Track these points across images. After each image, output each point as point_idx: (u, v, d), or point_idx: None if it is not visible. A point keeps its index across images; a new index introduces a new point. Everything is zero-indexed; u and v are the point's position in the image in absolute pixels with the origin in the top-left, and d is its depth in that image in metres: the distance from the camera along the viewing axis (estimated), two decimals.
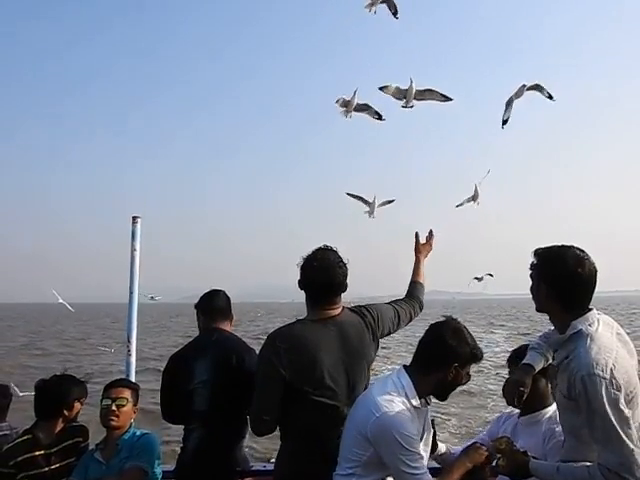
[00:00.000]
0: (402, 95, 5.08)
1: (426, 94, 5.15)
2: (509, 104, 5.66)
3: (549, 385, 2.35)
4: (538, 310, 2.04)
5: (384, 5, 5.17)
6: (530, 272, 2.03)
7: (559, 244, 1.99)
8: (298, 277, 2.40)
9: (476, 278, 8.54)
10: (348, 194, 6.09)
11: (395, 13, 5.31)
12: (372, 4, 5.33)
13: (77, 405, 2.80)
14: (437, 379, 2.14)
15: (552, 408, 2.33)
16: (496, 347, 21.63)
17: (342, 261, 2.38)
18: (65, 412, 2.74)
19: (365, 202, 6.03)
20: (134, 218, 3.51)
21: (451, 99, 5.15)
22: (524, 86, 5.51)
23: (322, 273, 2.32)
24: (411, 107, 5.09)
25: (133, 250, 3.48)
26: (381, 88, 5.08)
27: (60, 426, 2.74)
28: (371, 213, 6.06)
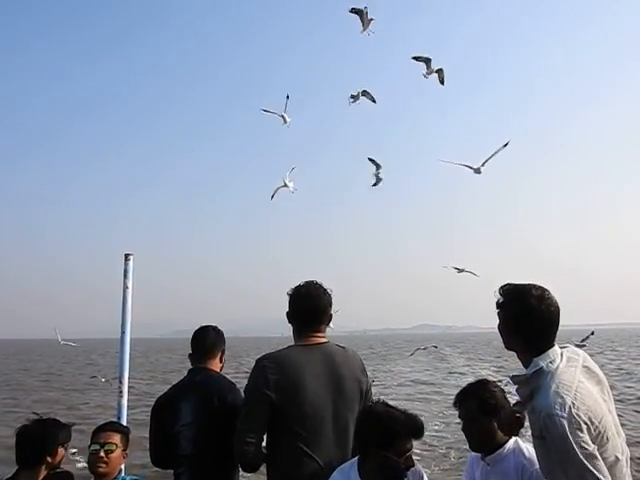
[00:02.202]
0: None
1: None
2: (460, 164, 6.51)
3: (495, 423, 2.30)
4: (507, 348, 2.05)
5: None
6: (497, 311, 2.05)
7: (522, 283, 2.02)
8: (286, 309, 2.55)
9: (456, 268, 8.41)
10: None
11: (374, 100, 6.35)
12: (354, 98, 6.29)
13: (61, 451, 2.67)
14: (371, 465, 2.13)
15: (511, 441, 2.30)
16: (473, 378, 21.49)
17: (326, 290, 2.54)
18: (48, 459, 2.60)
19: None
20: (126, 255, 3.43)
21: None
22: (478, 170, 6.40)
23: (308, 299, 2.49)
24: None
25: (125, 288, 3.38)
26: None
27: (43, 474, 2.60)
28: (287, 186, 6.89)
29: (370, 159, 6.74)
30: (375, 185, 6.93)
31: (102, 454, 2.57)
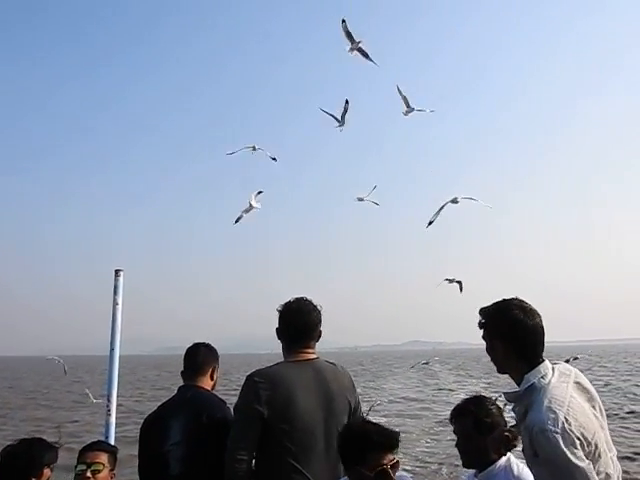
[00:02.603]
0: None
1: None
2: (441, 208, 6.87)
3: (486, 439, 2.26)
4: (500, 372, 2.02)
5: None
6: (482, 334, 2.04)
7: (501, 299, 2.02)
8: (276, 325, 2.58)
9: (447, 280, 8.34)
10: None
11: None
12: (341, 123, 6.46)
13: (47, 472, 2.57)
14: None
15: (504, 459, 2.26)
16: (464, 394, 22.12)
17: (316, 307, 2.57)
18: None
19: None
20: (117, 271, 3.41)
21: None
22: (455, 199, 6.84)
23: (299, 315, 2.52)
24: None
25: (115, 304, 3.35)
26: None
27: None
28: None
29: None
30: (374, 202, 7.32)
31: (89, 474, 2.52)
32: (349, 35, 5.88)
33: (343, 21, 5.82)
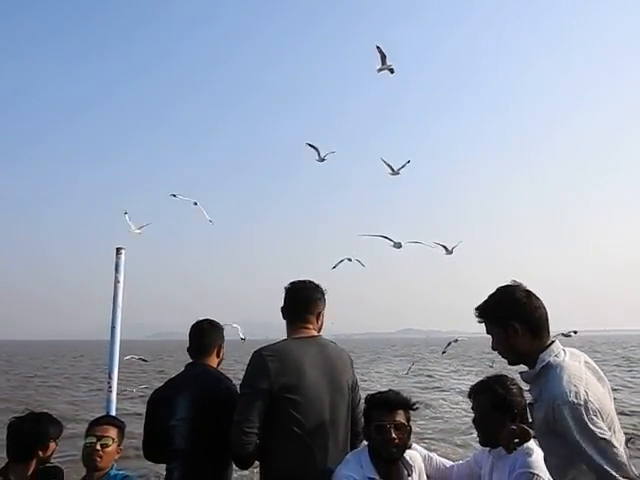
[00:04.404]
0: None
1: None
2: (380, 236, 7.60)
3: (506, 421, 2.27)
4: (513, 361, 2.00)
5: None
6: (487, 329, 2.03)
7: (498, 286, 2.04)
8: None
9: (444, 247, 8.17)
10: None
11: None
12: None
13: (52, 445, 2.65)
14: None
15: None
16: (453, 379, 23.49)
17: (320, 287, 2.67)
18: (40, 453, 2.58)
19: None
20: (118, 249, 3.44)
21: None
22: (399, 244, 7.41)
23: (302, 290, 2.62)
24: None
25: (116, 282, 3.37)
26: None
27: (34, 467, 2.58)
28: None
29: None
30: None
31: (98, 447, 2.56)
32: (383, 57, 6.57)
33: (378, 47, 6.57)
